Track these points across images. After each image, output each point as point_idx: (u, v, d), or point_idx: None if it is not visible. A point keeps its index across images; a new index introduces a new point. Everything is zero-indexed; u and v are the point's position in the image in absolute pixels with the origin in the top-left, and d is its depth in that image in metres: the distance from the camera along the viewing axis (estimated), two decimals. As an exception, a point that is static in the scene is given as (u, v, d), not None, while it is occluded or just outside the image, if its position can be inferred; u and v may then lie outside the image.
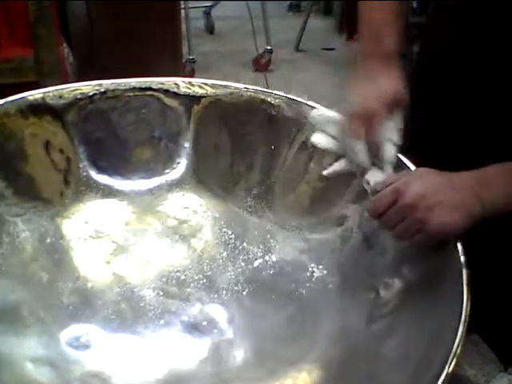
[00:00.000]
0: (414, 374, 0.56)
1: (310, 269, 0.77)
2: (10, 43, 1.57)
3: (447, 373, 0.50)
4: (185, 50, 2.33)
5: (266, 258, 0.80)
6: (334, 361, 0.66)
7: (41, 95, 0.76)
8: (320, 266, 0.76)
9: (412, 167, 0.72)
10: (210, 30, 3.10)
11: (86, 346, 0.70)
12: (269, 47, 2.70)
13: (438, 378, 0.51)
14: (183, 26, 2.30)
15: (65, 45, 1.74)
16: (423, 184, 0.63)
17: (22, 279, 0.72)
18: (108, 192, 0.81)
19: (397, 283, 0.66)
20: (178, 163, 0.84)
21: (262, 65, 2.70)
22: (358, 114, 0.70)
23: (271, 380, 0.66)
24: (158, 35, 1.94)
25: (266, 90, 0.84)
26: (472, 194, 0.61)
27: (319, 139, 0.78)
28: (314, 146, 0.78)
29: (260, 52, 2.67)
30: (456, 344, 0.52)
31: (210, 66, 2.64)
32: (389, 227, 0.65)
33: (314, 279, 0.76)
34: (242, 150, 0.84)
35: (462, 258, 0.62)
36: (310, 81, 2.62)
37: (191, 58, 2.50)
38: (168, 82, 0.83)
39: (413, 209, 0.61)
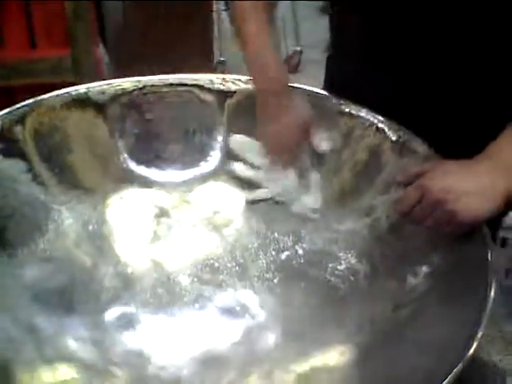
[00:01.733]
0: (438, 357, 0.58)
1: (339, 258, 0.79)
2: (47, 43, 1.63)
3: (468, 355, 0.52)
4: (215, 51, 2.38)
5: (296, 247, 0.83)
6: (361, 344, 0.68)
7: (84, 90, 0.81)
8: (349, 255, 0.79)
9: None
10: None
11: (127, 327, 0.74)
12: (299, 48, 2.72)
13: (461, 360, 0.54)
14: (214, 28, 2.34)
15: (101, 45, 1.80)
16: (446, 176, 0.65)
17: (66, 264, 0.76)
18: (145, 183, 0.85)
19: (424, 270, 0.69)
20: (212, 156, 0.88)
21: (291, 66, 2.73)
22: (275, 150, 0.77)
23: (301, 360, 0.69)
24: (191, 37, 1.99)
25: (296, 85, 0.87)
26: (494, 177, 0.63)
27: (240, 168, 0.83)
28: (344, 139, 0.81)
29: (290, 53, 2.69)
30: (479, 328, 0.54)
31: (239, 67, 2.67)
32: (418, 222, 0.67)
33: (342, 268, 0.78)
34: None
35: (488, 245, 0.64)
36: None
37: (221, 59, 2.54)
38: (202, 78, 0.86)
39: (441, 203, 0.63)
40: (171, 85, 0.86)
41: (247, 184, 0.85)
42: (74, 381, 0.65)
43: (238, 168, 0.84)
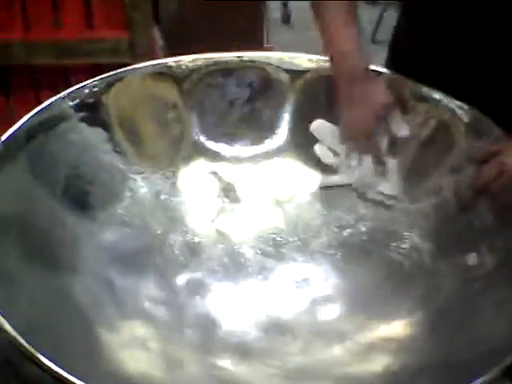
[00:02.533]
0: (507, 330, 0.60)
1: (403, 236, 0.81)
2: (105, 24, 1.67)
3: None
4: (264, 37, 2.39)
5: (359, 225, 0.85)
6: (425, 318, 0.70)
7: (163, 64, 0.84)
8: (413, 234, 0.80)
9: None
10: (287, 20, 3.16)
11: (196, 292, 0.78)
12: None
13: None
14: (264, 15, 2.36)
15: (156, 28, 1.83)
16: None
17: (141, 229, 0.80)
18: (214, 157, 0.88)
19: (491, 248, 0.70)
20: (278, 133, 0.91)
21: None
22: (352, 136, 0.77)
23: (363, 332, 0.71)
24: (242, 25, 2.01)
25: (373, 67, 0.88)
26: None
27: (318, 151, 0.84)
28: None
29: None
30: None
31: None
32: (495, 198, 0.70)
33: (406, 246, 0.80)
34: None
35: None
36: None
37: (269, 45, 2.56)
38: (273, 55, 0.89)
39: None
40: (241, 61, 0.88)
41: (321, 167, 0.86)
42: (150, 337, 0.69)
43: (317, 151, 0.85)
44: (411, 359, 0.65)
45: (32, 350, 0.53)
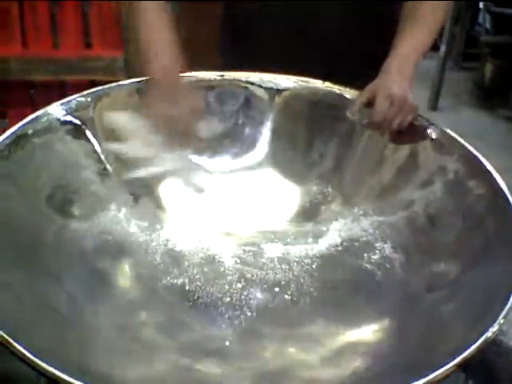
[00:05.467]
0: (470, 328, 0.63)
1: (376, 247, 0.84)
2: (102, 43, 1.72)
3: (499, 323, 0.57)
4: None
5: (335, 236, 0.88)
6: (392, 324, 0.73)
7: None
8: (385, 245, 0.84)
9: None
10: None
11: (178, 297, 0.80)
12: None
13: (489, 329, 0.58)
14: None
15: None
16: (391, 84, 0.83)
17: (122, 237, 0.83)
18: (197, 169, 0.92)
19: (457, 257, 0.73)
20: (258, 148, 0.94)
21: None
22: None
23: (335, 337, 0.74)
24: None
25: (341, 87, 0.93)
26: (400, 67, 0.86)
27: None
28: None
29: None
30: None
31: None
32: (390, 126, 0.84)
33: (379, 256, 0.83)
34: (316, 140, 0.93)
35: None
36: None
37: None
38: (254, 75, 0.93)
39: (406, 99, 0.83)
40: (224, 80, 0.93)
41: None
42: (130, 338, 0.71)
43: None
44: (375, 362, 0.68)
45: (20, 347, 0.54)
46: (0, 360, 0.65)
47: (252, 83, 0.93)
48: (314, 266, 0.86)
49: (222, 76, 0.93)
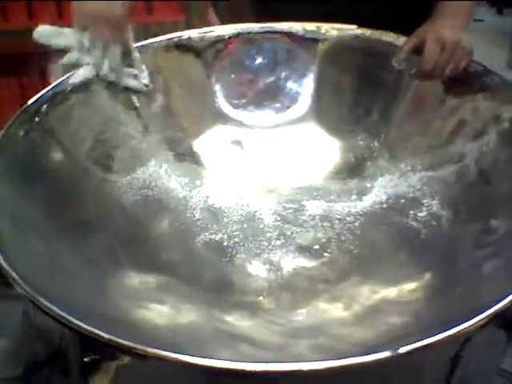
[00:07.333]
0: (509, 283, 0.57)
1: (424, 204, 0.79)
2: (163, 8, 1.73)
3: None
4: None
5: (380, 193, 0.84)
6: (433, 283, 0.69)
7: (185, 36, 0.87)
8: (433, 201, 0.79)
9: None
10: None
11: (214, 254, 0.80)
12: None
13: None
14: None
15: (211, 9, 1.88)
16: (441, 28, 0.78)
17: (162, 193, 0.83)
18: (239, 125, 0.90)
19: (508, 213, 0.68)
20: (301, 102, 0.91)
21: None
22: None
23: (372, 295, 0.71)
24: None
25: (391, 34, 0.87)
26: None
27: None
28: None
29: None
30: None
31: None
32: (443, 72, 0.79)
33: (425, 214, 0.78)
34: (362, 91, 0.89)
35: None
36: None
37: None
38: (295, 26, 0.89)
39: (459, 43, 0.77)
40: (265, 32, 0.90)
41: (342, 133, 0.88)
42: (164, 290, 0.72)
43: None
44: (412, 321, 0.64)
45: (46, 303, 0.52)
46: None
47: (294, 33, 0.89)
48: (356, 224, 0.82)
49: (262, 28, 0.89)
